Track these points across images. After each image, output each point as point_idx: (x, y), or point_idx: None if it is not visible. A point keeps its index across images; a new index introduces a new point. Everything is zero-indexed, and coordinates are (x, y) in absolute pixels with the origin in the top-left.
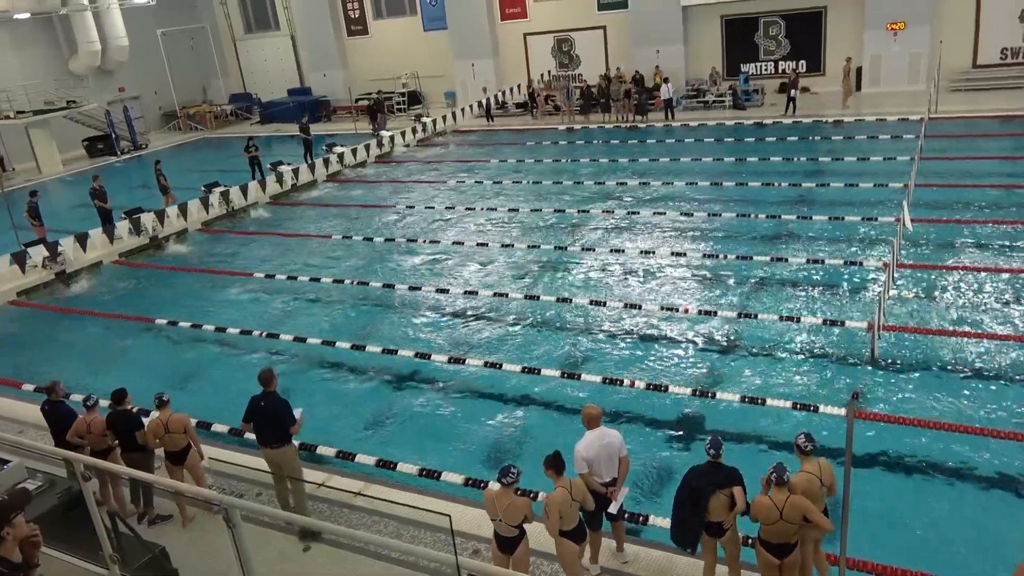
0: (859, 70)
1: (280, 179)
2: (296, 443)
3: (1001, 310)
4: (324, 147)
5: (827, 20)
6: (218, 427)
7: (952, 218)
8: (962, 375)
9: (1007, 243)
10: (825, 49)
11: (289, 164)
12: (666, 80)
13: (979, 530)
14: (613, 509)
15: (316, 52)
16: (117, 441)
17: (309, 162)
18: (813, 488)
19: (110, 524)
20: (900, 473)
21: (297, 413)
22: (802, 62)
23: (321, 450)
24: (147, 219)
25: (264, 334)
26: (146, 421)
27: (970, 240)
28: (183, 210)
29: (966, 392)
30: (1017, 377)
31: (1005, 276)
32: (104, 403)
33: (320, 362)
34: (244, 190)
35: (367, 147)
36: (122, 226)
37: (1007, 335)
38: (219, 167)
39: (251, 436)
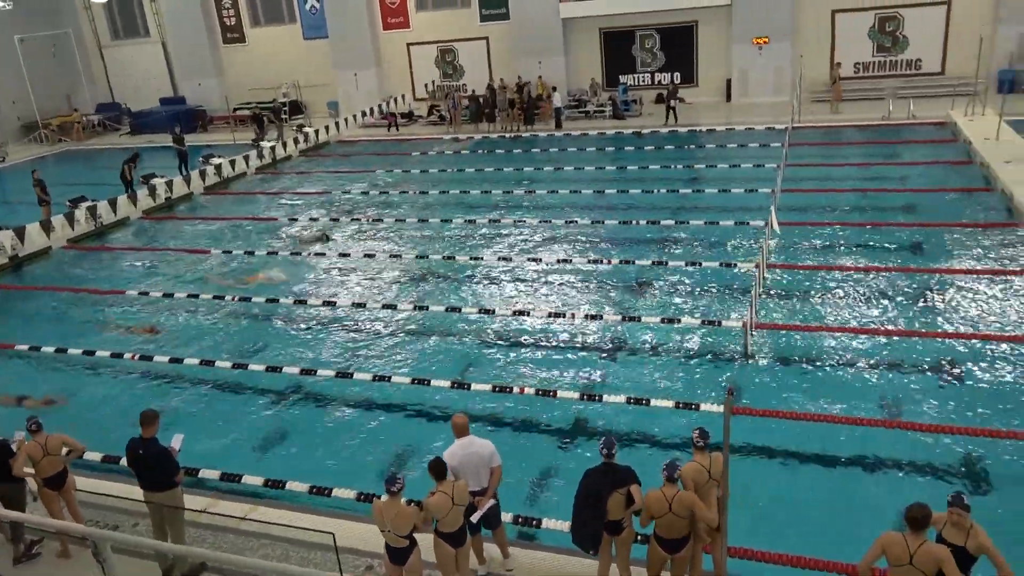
0: (728, 82)
1: (153, 192)
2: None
3: (861, 306)
4: (200, 159)
5: (699, 34)
6: (91, 455)
7: (815, 221)
8: (828, 367)
9: (865, 243)
10: (697, 62)
11: (162, 176)
12: (555, 89)
13: (847, 510)
14: (474, 519)
15: (189, 60)
16: None
17: (184, 174)
18: (700, 479)
19: None
20: (776, 462)
21: (176, 441)
22: (676, 74)
23: (204, 473)
24: (4, 237)
25: (137, 356)
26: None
27: (832, 241)
28: (45, 227)
29: (832, 383)
30: (877, 367)
31: (864, 274)
32: None
33: (200, 382)
34: (113, 204)
35: (246, 158)
36: None
37: (867, 329)
38: (87, 180)
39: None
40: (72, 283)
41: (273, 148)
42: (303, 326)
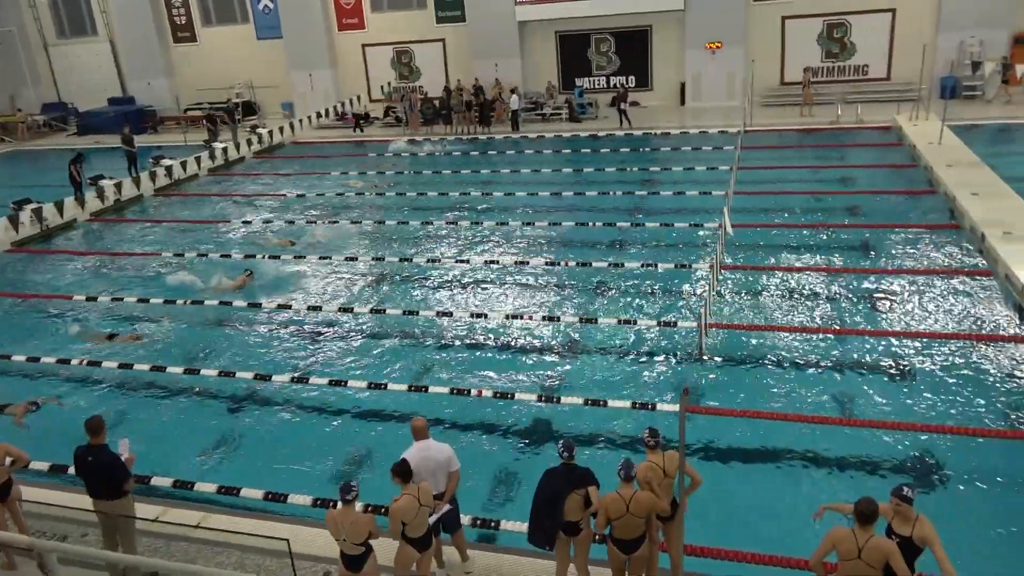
0: (682, 86)
1: (101, 195)
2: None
3: (812, 305)
4: (151, 160)
5: (653, 39)
6: (37, 465)
7: (767, 222)
8: (780, 365)
9: (815, 244)
10: (652, 65)
11: (111, 178)
12: (513, 91)
13: (800, 506)
14: (430, 521)
15: (139, 59)
16: None
17: (134, 176)
18: (655, 477)
19: None
20: (730, 460)
21: (123, 447)
22: (631, 77)
23: (156, 481)
24: None
25: (85, 361)
26: None
27: (783, 242)
28: None
29: (784, 381)
30: (828, 365)
31: (814, 274)
32: None
33: (151, 388)
34: (60, 207)
35: (198, 159)
36: None
37: (818, 328)
38: (33, 182)
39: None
40: (16, 288)
41: (226, 149)
42: (257, 330)
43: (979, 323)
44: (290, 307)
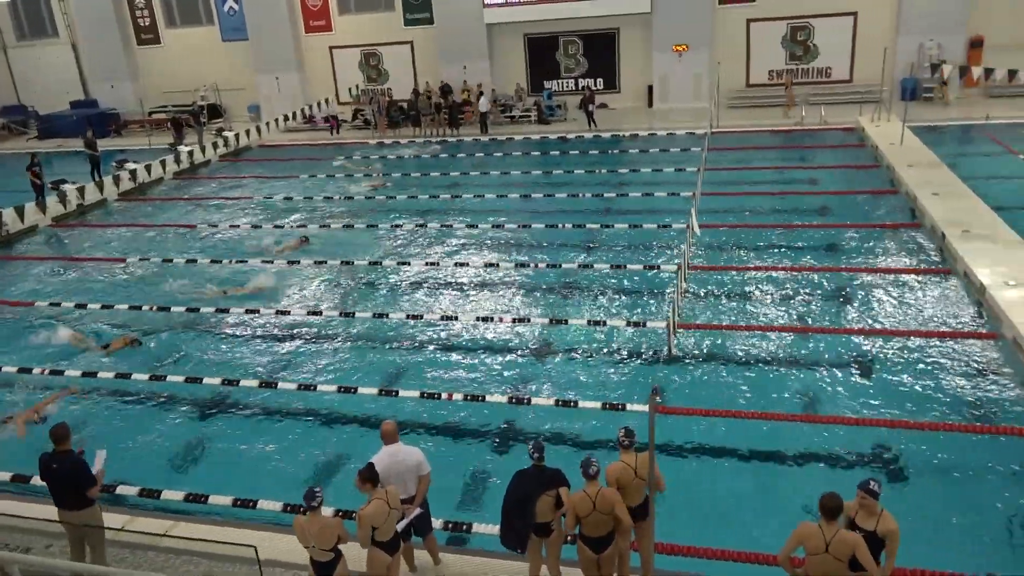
0: (650, 88)
1: (63, 199)
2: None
3: (779, 304)
4: (114, 164)
5: (620, 41)
6: None
7: (734, 223)
8: (748, 364)
9: (782, 244)
10: (620, 68)
11: (74, 183)
12: (482, 94)
13: (769, 502)
14: (400, 527)
15: (101, 61)
16: None
17: (97, 180)
18: (625, 477)
19: None
20: (700, 459)
21: (99, 459)
22: (600, 79)
23: (122, 490)
24: None
25: (47, 371)
26: None
27: (750, 242)
28: None
29: (752, 379)
30: (795, 363)
31: (781, 274)
32: None
33: (116, 396)
34: (21, 212)
35: (163, 163)
36: None
37: (785, 327)
38: None
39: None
40: None
41: (191, 153)
42: (224, 334)
43: (940, 320)
44: (258, 311)
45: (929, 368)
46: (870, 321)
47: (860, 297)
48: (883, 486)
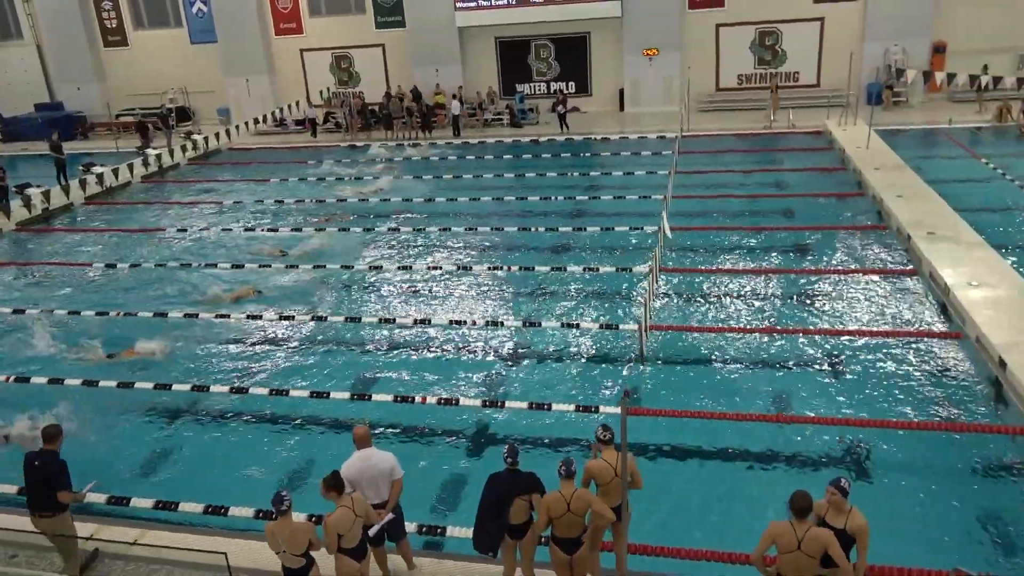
0: (621, 92)
1: (28, 204)
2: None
3: (749, 306)
4: (80, 167)
5: (591, 45)
6: None
7: (705, 225)
8: (719, 365)
9: (752, 246)
10: (591, 72)
11: (39, 187)
12: (454, 96)
13: (741, 502)
14: (371, 532)
15: (67, 63)
16: None
17: (63, 184)
18: (605, 476)
19: None
20: (672, 460)
21: (87, 488)
22: (572, 83)
23: (90, 498)
24: None
25: (11, 378)
26: None
27: (721, 244)
28: None
29: (723, 380)
30: (765, 364)
31: (751, 276)
32: None
33: (84, 403)
34: None
35: (131, 166)
36: None
37: (755, 328)
38: None
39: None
40: None
41: (160, 156)
42: (195, 339)
43: (906, 320)
44: (228, 316)
45: (896, 367)
46: (838, 321)
47: (829, 298)
48: (853, 485)
